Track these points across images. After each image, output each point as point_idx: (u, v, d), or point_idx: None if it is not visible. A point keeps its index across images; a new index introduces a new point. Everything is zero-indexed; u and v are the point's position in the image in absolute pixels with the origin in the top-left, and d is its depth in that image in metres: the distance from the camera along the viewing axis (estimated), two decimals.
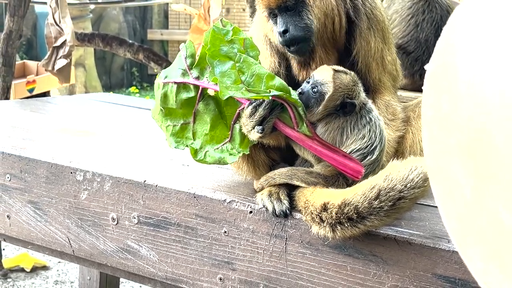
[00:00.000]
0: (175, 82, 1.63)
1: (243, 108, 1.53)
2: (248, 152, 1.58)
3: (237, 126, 1.58)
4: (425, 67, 3.20)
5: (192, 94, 1.62)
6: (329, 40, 1.71)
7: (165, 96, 1.65)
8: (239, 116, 1.56)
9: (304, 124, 1.53)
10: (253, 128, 1.52)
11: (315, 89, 1.60)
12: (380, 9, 1.80)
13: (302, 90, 1.61)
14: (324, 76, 1.61)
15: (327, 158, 1.53)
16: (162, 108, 1.66)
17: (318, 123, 1.63)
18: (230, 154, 1.59)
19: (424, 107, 0.69)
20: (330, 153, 1.53)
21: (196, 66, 1.63)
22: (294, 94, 1.54)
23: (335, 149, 1.53)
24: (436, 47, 0.68)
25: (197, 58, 1.64)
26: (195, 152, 1.63)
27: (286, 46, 1.70)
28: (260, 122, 1.52)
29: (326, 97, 1.59)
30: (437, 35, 3.44)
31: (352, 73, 1.63)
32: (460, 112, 0.60)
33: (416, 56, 3.48)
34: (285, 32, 1.67)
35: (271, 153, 1.74)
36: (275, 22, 1.71)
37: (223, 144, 1.60)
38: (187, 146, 1.64)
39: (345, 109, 1.59)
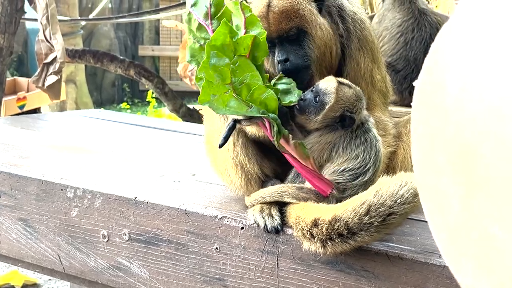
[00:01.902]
0: (198, 19, 1.64)
1: None
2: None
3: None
4: (414, 83, 3.22)
5: (208, 36, 1.61)
6: (326, 67, 1.74)
7: (189, 20, 1.66)
8: None
9: (278, 141, 1.56)
10: (232, 120, 1.62)
11: (317, 98, 1.61)
12: (369, 30, 1.82)
13: (305, 97, 1.62)
14: (328, 86, 1.62)
15: (298, 169, 1.58)
16: (188, 23, 1.66)
17: (314, 131, 1.63)
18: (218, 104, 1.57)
19: (413, 123, 0.70)
20: (300, 167, 1.57)
21: (218, 18, 1.62)
22: (274, 115, 1.56)
23: (304, 166, 1.57)
24: (425, 64, 0.68)
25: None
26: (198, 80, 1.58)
27: (287, 75, 1.70)
28: (239, 120, 1.60)
29: (327, 107, 1.60)
30: (426, 53, 3.44)
31: (357, 88, 1.64)
32: (448, 127, 0.61)
33: (405, 74, 3.50)
34: (286, 60, 1.67)
35: (264, 168, 1.74)
36: (273, 52, 1.71)
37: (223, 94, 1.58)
38: (198, 64, 1.60)
39: (344, 122, 1.60)
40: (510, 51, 0.53)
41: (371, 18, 3.74)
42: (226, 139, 1.63)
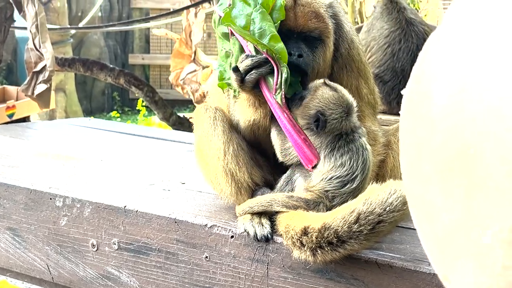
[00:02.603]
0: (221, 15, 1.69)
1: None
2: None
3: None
4: (402, 92, 3.24)
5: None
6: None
7: (214, 22, 1.74)
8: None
9: (281, 94, 1.59)
10: (236, 71, 1.61)
11: (303, 93, 1.64)
12: (358, 48, 1.85)
13: (298, 92, 1.65)
14: (313, 84, 1.66)
15: (288, 134, 1.59)
16: (214, 27, 1.75)
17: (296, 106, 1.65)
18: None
19: (401, 132, 0.70)
20: (293, 131, 1.59)
21: None
22: (285, 64, 1.60)
23: (299, 130, 1.59)
24: (412, 73, 0.69)
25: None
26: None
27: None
28: (246, 72, 1.60)
29: (303, 101, 1.62)
30: (413, 64, 3.47)
31: (346, 96, 1.64)
32: (435, 136, 0.61)
33: (392, 85, 3.53)
34: (300, 56, 1.68)
35: (254, 177, 1.74)
36: (286, 41, 1.71)
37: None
38: (224, 71, 1.71)
39: (317, 124, 1.61)
40: (496, 61, 0.54)
41: (358, 29, 3.76)
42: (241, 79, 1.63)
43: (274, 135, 1.68)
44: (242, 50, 1.66)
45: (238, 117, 1.76)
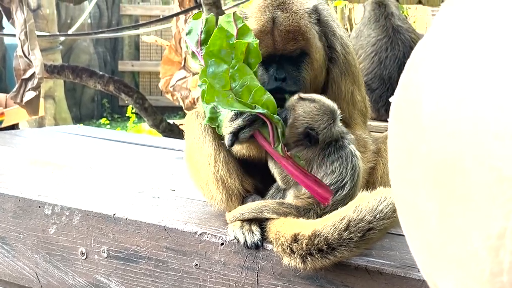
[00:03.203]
0: (191, 47, 1.66)
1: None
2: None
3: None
4: (390, 99, 3.26)
5: (202, 64, 1.62)
6: (313, 89, 1.76)
7: (187, 48, 1.69)
8: None
9: (280, 145, 1.55)
10: (229, 133, 1.55)
11: (283, 114, 1.62)
12: (352, 54, 1.86)
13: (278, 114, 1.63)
14: (290, 103, 1.64)
15: (298, 179, 1.55)
16: (189, 53, 1.71)
17: (292, 149, 1.64)
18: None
19: (390, 138, 0.70)
20: (301, 176, 1.54)
21: (207, 44, 1.62)
22: (278, 116, 1.56)
23: (306, 173, 1.55)
24: (400, 80, 0.69)
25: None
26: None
27: (275, 92, 1.70)
28: (238, 131, 1.54)
29: (288, 123, 1.61)
30: (400, 72, 3.52)
31: (327, 103, 1.63)
32: (423, 144, 0.61)
33: (380, 93, 3.55)
34: (283, 79, 1.67)
35: (245, 184, 1.74)
36: (266, 69, 1.70)
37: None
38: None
39: (310, 138, 1.61)
40: (485, 69, 0.54)
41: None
42: (232, 143, 1.58)
43: (271, 164, 1.66)
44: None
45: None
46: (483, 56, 0.54)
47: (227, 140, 1.57)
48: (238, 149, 1.68)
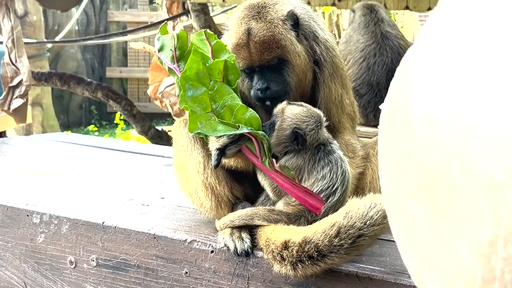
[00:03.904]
0: (166, 63, 1.65)
1: None
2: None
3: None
4: (380, 106, 3.27)
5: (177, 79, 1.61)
6: (300, 93, 1.76)
7: (162, 63, 1.67)
8: None
9: (268, 160, 1.55)
10: (215, 149, 1.56)
11: (271, 121, 1.63)
12: (339, 57, 1.86)
13: (265, 124, 1.63)
14: (278, 108, 1.65)
15: (288, 191, 1.55)
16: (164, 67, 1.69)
17: (282, 158, 1.64)
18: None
19: (380, 145, 0.70)
20: (291, 187, 1.55)
21: (184, 59, 1.62)
22: (262, 132, 1.56)
23: (295, 184, 1.55)
24: (390, 87, 0.69)
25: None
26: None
27: (262, 101, 1.71)
28: (224, 148, 1.55)
29: (276, 127, 1.61)
30: (388, 78, 3.55)
31: (313, 109, 1.65)
32: (414, 151, 0.61)
33: (368, 99, 3.56)
34: (266, 89, 1.68)
35: (235, 191, 1.74)
36: (251, 78, 1.72)
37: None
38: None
39: (298, 140, 1.61)
40: (474, 78, 0.54)
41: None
42: (218, 162, 1.59)
43: (261, 177, 1.66)
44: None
45: None
46: (472, 66, 0.54)
47: (213, 159, 1.58)
48: (225, 161, 1.68)
